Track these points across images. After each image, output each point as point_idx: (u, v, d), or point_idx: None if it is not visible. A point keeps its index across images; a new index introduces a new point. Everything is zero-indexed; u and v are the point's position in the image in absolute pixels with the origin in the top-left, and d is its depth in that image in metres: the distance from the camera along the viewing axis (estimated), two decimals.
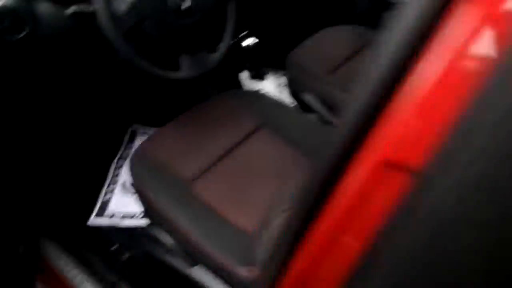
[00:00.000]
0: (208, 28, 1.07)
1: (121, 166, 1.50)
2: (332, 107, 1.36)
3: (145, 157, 1.03)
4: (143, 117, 1.68)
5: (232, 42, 1.12)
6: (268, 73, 1.43)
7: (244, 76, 1.39)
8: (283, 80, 1.90)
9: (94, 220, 1.34)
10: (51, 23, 0.88)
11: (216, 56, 1.10)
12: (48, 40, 0.90)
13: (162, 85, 1.28)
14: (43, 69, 1.05)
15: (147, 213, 1.01)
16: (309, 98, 1.36)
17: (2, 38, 0.81)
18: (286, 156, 1.08)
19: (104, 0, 0.84)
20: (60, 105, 1.32)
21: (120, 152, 1.57)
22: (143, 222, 1.29)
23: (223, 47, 1.11)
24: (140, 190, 0.98)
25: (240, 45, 1.35)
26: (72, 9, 0.87)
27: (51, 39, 0.90)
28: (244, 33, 1.39)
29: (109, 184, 1.45)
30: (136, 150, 1.05)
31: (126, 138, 1.64)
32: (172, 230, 0.95)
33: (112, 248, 1.25)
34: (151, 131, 1.65)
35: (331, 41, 1.54)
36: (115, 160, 1.53)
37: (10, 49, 0.84)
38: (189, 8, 0.96)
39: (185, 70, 1.03)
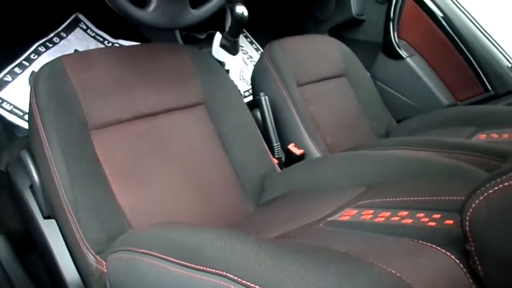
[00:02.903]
0: None
1: (40, 54, 1.30)
2: (279, 117, 1.28)
3: (59, 74, 0.86)
4: (94, 13, 1.46)
5: (223, 5, 0.96)
6: (239, 49, 1.30)
7: (217, 38, 1.24)
8: (254, 56, 1.79)
9: None
10: None
11: (198, 13, 0.93)
12: None
13: None
14: None
15: (28, 135, 0.87)
16: (264, 98, 1.26)
17: None
18: (208, 148, 0.99)
19: None
20: None
21: (49, 36, 1.36)
22: None
23: (211, 6, 0.94)
24: (32, 106, 0.83)
25: (228, 10, 1.19)
26: None
27: None
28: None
29: (16, 66, 1.24)
30: (54, 62, 0.87)
31: (66, 23, 1.43)
32: (43, 170, 0.81)
33: None
34: (94, 32, 1.44)
35: (316, 52, 1.46)
36: (37, 44, 1.32)
37: None
38: None
39: (155, 13, 0.85)
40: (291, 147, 1.23)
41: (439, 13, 1.47)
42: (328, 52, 1.50)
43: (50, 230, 0.83)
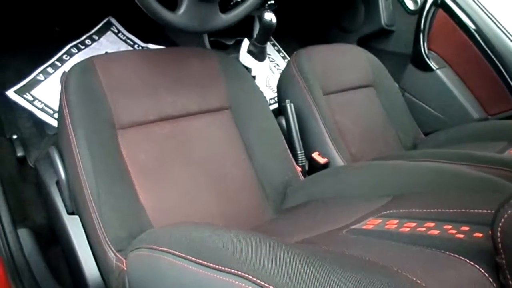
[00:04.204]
0: None
1: (72, 55, 1.33)
2: (304, 125, 1.27)
3: (89, 73, 0.88)
4: (125, 17, 1.50)
5: (252, 11, 0.97)
6: (266, 56, 1.30)
7: (245, 45, 1.25)
8: (281, 63, 1.79)
9: (12, 93, 1.19)
10: None
11: (227, 18, 0.94)
12: None
13: None
14: None
15: (57, 132, 0.89)
16: (289, 104, 1.25)
17: None
18: (232, 152, 0.99)
19: None
20: None
21: (82, 38, 1.40)
22: None
23: (241, 12, 0.95)
24: (62, 105, 0.85)
25: (257, 17, 1.20)
26: None
27: None
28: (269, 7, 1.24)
29: (48, 65, 1.28)
30: (85, 62, 0.89)
31: (98, 26, 1.47)
32: (70, 166, 0.83)
33: (12, 137, 1.11)
34: (125, 35, 1.48)
35: (343, 61, 1.44)
36: (70, 45, 1.36)
37: None
38: None
39: (185, 16, 0.86)
40: (315, 155, 1.22)
41: (471, 26, 1.43)
42: (356, 61, 1.48)
43: (73, 226, 0.84)
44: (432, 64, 1.55)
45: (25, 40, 1.32)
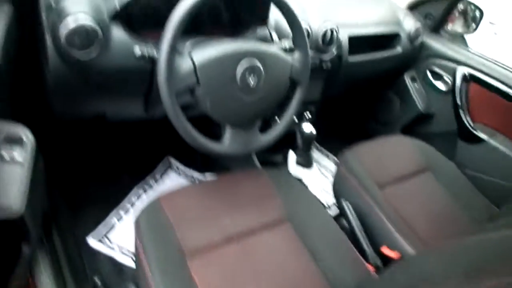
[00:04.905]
0: (266, 106, 1.01)
1: (139, 196, 1.47)
2: (366, 222, 1.26)
3: (157, 212, 0.99)
4: (181, 153, 1.67)
5: (287, 128, 1.06)
6: (313, 162, 1.36)
7: (291, 157, 1.33)
8: (331, 166, 1.84)
9: (91, 240, 1.30)
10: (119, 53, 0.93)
11: (267, 138, 1.04)
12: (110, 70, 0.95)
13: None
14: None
15: (135, 270, 0.96)
16: (346, 204, 1.27)
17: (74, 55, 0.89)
18: (298, 262, 1.00)
19: (167, 56, 0.83)
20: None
21: (146, 179, 1.55)
22: None
23: (279, 131, 1.05)
24: (137, 244, 0.94)
25: (297, 129, 1.31)
26: (138, 49, 0.87)
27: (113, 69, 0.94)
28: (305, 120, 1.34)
29: (120, 209, 1.42)
30: (152, 203, 1.01)
31: (160, 166, 1.63)
32: None
33: (95, 280, 1.20)
34: (183, 171, 1.62)
35: (391, 153, 1.46)
36: (136, 187, 1.51)
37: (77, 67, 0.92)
38: (256, 85, 0.92)
39: (230, 144, 0.97)
40: (384, 250, 1.18)
41: (508, 90, 1.44)
42: (404, 150, 1.49)
43: None
44: (481, 135, 1.53)
45: (99, 190, 1.49)
